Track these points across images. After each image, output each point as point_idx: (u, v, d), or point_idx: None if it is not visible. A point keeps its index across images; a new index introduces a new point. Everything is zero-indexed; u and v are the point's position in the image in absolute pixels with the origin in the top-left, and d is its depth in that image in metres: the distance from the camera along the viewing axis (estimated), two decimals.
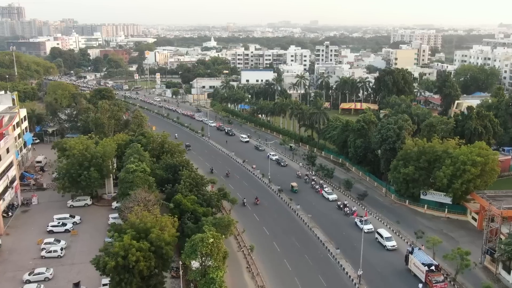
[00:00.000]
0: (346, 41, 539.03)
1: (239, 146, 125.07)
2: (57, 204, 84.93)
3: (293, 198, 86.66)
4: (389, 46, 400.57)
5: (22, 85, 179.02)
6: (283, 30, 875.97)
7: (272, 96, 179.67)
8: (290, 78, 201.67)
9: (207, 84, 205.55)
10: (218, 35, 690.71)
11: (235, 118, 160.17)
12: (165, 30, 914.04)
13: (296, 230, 75.18)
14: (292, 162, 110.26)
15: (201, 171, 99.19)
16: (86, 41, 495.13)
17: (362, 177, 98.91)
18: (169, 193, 71.87)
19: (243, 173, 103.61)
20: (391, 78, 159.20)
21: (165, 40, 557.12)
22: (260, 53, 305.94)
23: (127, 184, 67.34)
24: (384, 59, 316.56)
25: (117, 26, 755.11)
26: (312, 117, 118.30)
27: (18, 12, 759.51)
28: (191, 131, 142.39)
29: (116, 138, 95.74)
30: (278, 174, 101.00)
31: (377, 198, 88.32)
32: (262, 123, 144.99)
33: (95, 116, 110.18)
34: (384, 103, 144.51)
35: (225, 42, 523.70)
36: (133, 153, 78.76)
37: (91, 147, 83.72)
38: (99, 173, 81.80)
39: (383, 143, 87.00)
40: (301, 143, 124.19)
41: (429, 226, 75.70)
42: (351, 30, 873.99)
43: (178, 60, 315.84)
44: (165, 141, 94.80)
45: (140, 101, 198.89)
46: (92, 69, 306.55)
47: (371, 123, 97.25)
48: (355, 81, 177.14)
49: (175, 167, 76.68)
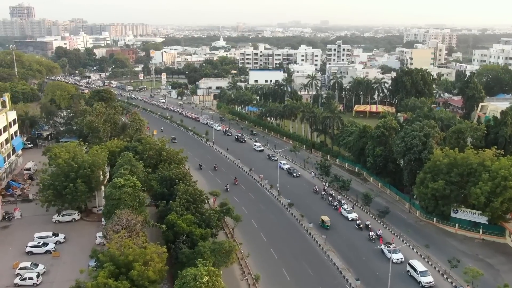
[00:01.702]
0: (357, 41, 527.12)
1: (247, 153, 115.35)
2: (42, 218, 76.11)
3: (305, 214, 76.90)
4: (403, 46, 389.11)
5: (20, 85, 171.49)
6: (293, 30, 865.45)
7: (282, 98, 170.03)
8: (301, 79, 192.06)
9: (213, 85, 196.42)
10: (228, 35, 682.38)
11: (242, 121, 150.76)
12: (175, 30, 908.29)
13: (309, 253, 65.42)
14: (305, 172, 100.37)
15: (203, 180, 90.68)
16: (94, 40, 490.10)
17: (382, 189, 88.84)
18: (162, 211, 62.72)
19: (250, 183, 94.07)
20: (410, 79, 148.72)
21: (174, 40, 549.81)
22: (269, 52, 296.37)
23: (113, 202, 58.21)
24: (398, 59, 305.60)
25: (126, 26, 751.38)
26: (326, 121, 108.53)
27: (28, 12, 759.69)
28: (195, 135, 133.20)
29: (109, 145, 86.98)
30: (289, 185, 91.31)
31: (400, 214, 78.25)
32: (271, 127, 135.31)
33: (89, 119, 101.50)
34: (402, 106, 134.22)
35: (235, 41, 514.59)
36: (124, 163, 69.75)
37: (79, 156, 74.82)
38: (87, 185, 72.86)
39: (407, 153, 76.93)
40: (313, 150, 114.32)
41: (462, 250, 65.58)
42: (362, 30, 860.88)
43: (185, 59, 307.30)
44: (163, 148, 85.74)
45: (143, 102, 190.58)
46: (97, 69, 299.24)
47: (392, 130, 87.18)
48: (370, 82, 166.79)
49: (171, 180, 67.42)
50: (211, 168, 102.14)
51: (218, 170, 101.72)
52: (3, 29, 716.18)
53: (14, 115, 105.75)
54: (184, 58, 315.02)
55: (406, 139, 77.35)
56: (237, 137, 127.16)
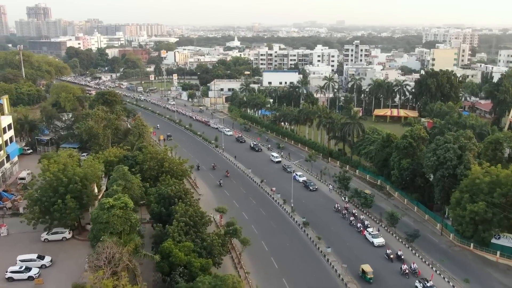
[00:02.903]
0: (375, 41, 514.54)
1: (261, 163, 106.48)
2: (30, 236, 68.47)
3: (323, 236, 67.95)
4: (422, 46, 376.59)
5: (26, 87, 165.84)
6: (309, 30, 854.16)
7: (297, 101, 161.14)
8: (317, 80, 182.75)
9: (225, 87, 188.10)
10: (243, 35, 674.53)
11: (255, 125, 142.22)
12: (190, 30, 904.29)
13: (327, 286, 56.60)
14: (322, 184, 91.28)
15: (210, 193, 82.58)
16: (108, 40, 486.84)
17: (408, 206, 79.40)
18: (158, 235, 54.54)
19: (261, 197, 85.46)
20: (435, 81, 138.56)
21: (188, 40, 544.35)
22: (284, 53, 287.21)
23: (100, 226, 50.25)
24: (419, 60, 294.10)
25: (140, 26, 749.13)
26: (345, 128, 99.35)
27: (44, 12, 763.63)
28: (204, 141, 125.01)
29: (107, 154, 79.38)
30: (304, 200, 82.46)
31: (430, 237, 68.81)
32: (285, 132, 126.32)
33: (88, 125, 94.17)
34: (427, 111, 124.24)
35: (249, 41, 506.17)
36: (118, 178, 61.84)
37: (70, 168, 67.13)
38: (78, 201, 65.11)
39: (440, 168, 67.52)
40: (330, 158, 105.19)
41: (507, 285, 56.07)
42: (379, 30, 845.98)
43: (198, 60, 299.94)
44: (166, 158, 77.76)
45: (152, 104, 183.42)
46: (108, 70, 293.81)
47: (420, 140, 77.75)
48: (391, 84, 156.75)
49: (170, 199, 59.23)
50: (219, 178, 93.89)
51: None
52: (20, 29, 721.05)
53: (9, 119, 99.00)
54: (197, 58, 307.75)
55: (439, 152, 67.90)
56: (252, 145, 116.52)
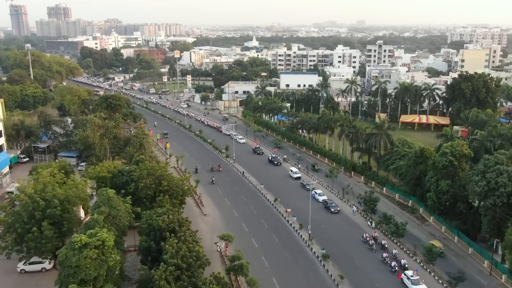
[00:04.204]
0: (397, 41, 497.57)
1: (278, 179, 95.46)
2: (6, 265, 59.31)
3: (346, 275, 56.68)
4: (448, 46, 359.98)
5: (32, 88, 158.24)
6: (329, 30, 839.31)
7: (316, 105, 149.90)
8: (338, 83, 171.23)
9: (240, 89, 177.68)
10: (262, 35, 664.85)
11: (270, 132, 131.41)
12: (209, 30, 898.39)
13: None
14: (344, 204, 79.90)
15: (216, 213, 72.09)
16: (126, 40, 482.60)
17: (447, 235, 67.56)
18: (142, 281, 44.31)
19: (274, 219, 74.59)
20: (469, 85, 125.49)
21: (205, 40, 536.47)
22: (303, 53, 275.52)
23: (69, 270, 40.24)
24: (445, 61, 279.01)
25: (159, 26, 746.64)
26: (370, 139, 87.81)
27: (65, 12, 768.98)
28: (214, 150, 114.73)
29: (99, 169, 69.67)
30: (324, 224, 71.35)
31: (477, 277, 56.89)
32: (303, 141, 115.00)
33: (83, 134, 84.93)
34: (462, 119, 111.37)
35: (268, 41, 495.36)
36: (101, 203, 51.87)
37: (50, 189, 57.47)
38: (58, 228, 55.45)
39: (490, 194, 55.69)
40: (353, 173, 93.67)
41: None
42: (400, 30, 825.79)
43: (214, 60, 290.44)
44: (164, 175, 67.62)
45: (163, 107, 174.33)
46: (122, 70, 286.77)
47: (463, 158, 65.88)
48: (419, 88, 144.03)
49: (161, 231, 48.91)
50: (226, 192, 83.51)
51: (234, 193, 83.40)
52: (40, 29, 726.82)
53: None
54: (213, 59, 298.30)
55: (489, 175, 56.04)
56: (270, 158, 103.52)
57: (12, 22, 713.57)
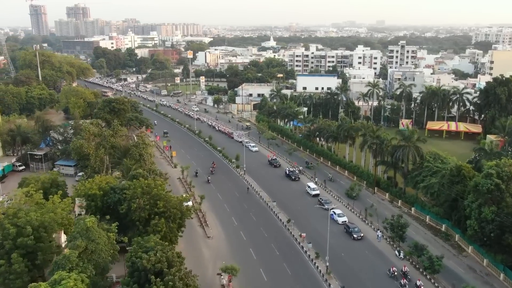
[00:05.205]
0: (418, 41, 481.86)
1: (293, 195, 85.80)
2: None
3: None
4: (474, 47, 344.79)
5: (38, 90, 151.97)
6: (348, 30, 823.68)
7: (335, 110, 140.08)
8: (358, 86, 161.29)
9: (255, 92, 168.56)
10: (279, 35, 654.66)
11: (285, 139, 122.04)
12: (227, 30, 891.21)
13: None
14: (366, 227, 70.05)
15: (222, 236, 62.79)
16: (142, 40, 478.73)
17: (490, 270, 57.33)
18: None
19: (286, 245, 65.30)
20: (505, 90, 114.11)
21: (222, 40, 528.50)
22: (322, 54, 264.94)
23: None
24: (471, 62, 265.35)
25: (176, 26, 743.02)
26: (397, 152, 77.79)
27: (83, 12, 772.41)
28: (224, 159, 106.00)
29: (89, 185, 61.55)
30: (344, 252, 61.83)
31: None
32: (321, 151, 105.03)
33: (77, 144, 77.07)
34: (498, 127, 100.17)
35: (285, 41, 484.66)
36: (79, 234, 43.51)
37: (22, 212, 49.36)
38: (31, 261, 47.31)
39: None
40: (377, 189, 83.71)
41: None
42: (421, 30, 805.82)
43: (229, 61, 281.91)
44: (160, 194, 58.98)
45: (173, 110, 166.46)
46: (136, 71, 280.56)
47: (510, 180, 55.63)
48: (448, 93, 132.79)
49: (146, 273, 40.17)
50: (236, 213, 74.60)
51: (241, 209, 74.32)
52: (59, 29, 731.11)
53: None
54: (228, 59, 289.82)
55: None
56: (288, 173, 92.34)
57: (32, 22, 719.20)
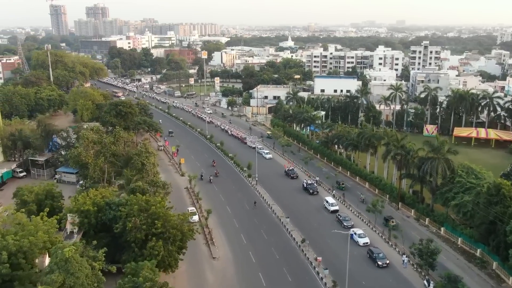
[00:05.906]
0: (441, 42, 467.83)
1: (309, 211, 78.51)
2: None
3: None
4: (500, 48, 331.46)
5: (48, 91, 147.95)
6: (368, 30, 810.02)
7: (355, 114, 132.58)
8: (379, 88, 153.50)
9: (270, 94, 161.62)
10: (298, 34, 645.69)
11: (301, 145, 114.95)
12: (245, 30, 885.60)
13: None
14: (391, 250, 62.52)
15: (229, 256, 56.04)
16: (159, 40, 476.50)
17: None
18: None
19: (300, 270, 58.24)
20: None
21: (239, 40, 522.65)
22: (341, 54, 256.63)
23: None
24: (498, 63, 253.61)
25: (194, 26, 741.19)
26: (425, 165, 70.09)
27: (102, 12, 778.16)
28: (236, 166, 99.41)
29: (82, 201, 55.69)
30: (366, 281, 54.46)
31: None
32: (340, 160, 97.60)
33: (75, 152, 71.53)
34: None
35: (303, 42, 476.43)
36: (57, 266, 37.41)
37: (0, 236, 43.70)
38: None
39: None
40: (401, 204, 76.01)
41: None
42: (443, 30, 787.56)
43: (246, 61, 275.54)
44: (159, 212, 52.67)
45: (186, 113, 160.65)
46: (150, 71, 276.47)
47: None
48: (477, 97, 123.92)
49: None
50: (245, 228, 67.92)
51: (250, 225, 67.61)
52: (78, 28, 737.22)
53: None
54: (245, 59, 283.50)
55: None
56: (305, 186, 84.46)
57: (52, 22, 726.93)
